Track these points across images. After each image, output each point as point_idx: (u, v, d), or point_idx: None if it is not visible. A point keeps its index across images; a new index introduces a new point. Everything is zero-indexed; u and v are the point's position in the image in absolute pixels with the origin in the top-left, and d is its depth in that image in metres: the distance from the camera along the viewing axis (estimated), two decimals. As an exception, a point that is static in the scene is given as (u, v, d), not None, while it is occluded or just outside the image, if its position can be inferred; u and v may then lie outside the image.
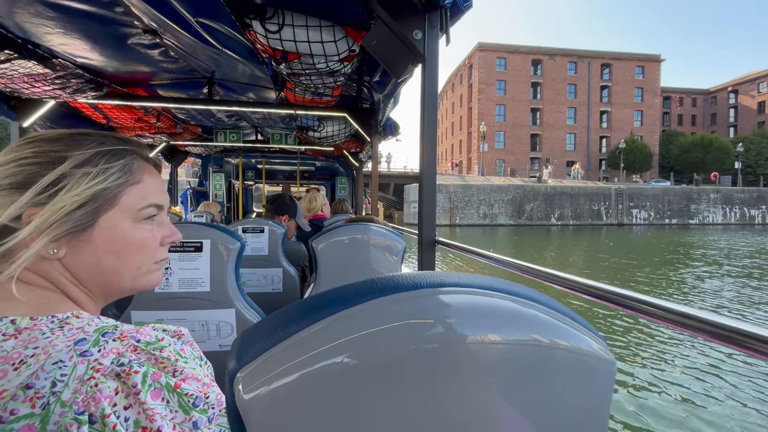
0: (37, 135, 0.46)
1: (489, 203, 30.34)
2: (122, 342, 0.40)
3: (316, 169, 6.11)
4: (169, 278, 1.07)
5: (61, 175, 0.44)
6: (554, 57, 46.17)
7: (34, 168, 0.44)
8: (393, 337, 0.26)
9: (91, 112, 2.81)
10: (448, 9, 1.23)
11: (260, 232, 1.90)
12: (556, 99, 46.75)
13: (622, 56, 47.96)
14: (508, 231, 26.77)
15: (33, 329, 0.39)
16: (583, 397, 0.29)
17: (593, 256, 15.23)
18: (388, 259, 1.23)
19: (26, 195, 0.43)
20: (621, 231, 27.28)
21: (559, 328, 0.29)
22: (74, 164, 0.45)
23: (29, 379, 0.36)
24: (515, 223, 30.48)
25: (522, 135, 46.41)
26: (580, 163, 41.91)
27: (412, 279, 0.28)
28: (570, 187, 31.83)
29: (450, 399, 0.27)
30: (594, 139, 47.71)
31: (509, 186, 31.13)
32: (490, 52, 45.56)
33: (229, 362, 0.27)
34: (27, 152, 0.44)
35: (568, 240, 21.53)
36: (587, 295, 0.69)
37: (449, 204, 29.56)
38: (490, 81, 45.49)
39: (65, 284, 0.46)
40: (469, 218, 29.81)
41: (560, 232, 26.03)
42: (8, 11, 1.48)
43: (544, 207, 31.09)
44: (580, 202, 31.67)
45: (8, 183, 0.43)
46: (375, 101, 2.46)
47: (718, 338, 0.43)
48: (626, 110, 48.29)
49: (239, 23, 1.42)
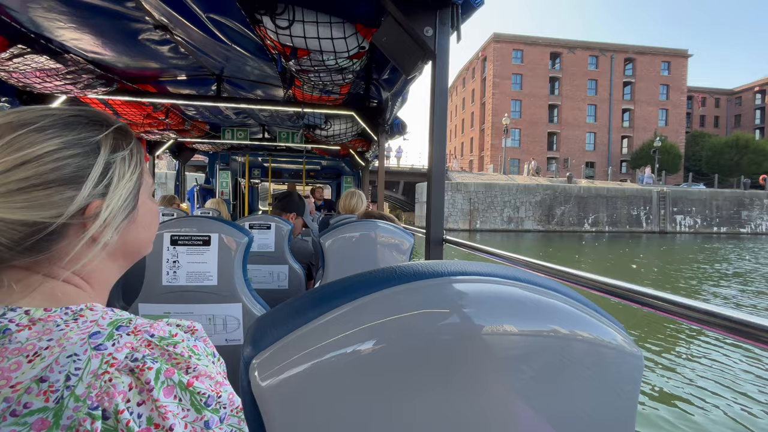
0: (30, 118, 0.41)
1: (514, 206, 26.38)
2: (136, 336, 0.40)
3: (322, 168, 6.12)
4: (176, 271, 1.07)
5: (106, 163, 0.44)
6: (574, 50, 42.20)
7: (77, 159, 0.42)
8: (414, 324, 0.25)
9: (102, 107, 2.83)
10: (459, 6, 1.22)
11: (267, 228, 1.91)
12: (576, 95, 42.64)
13: (647, 50, 43.76)
14: (535, 238, 23.02)
15: (47, 320, 0.38)
16: (607, 393, 0.28)
17: (655, 276, 11.14)
18: (396, 257, 1.23)
19: (86, 187, 0.42)
20: (664, 240, 23.69)
21: (582, 319, 0.28)
22: (109, 150, 0.45)
23: (43, 371, 0.35)
24: (544, 228, 26.44)
25: (539, 133, 42.29)
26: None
27: (432, 267, 0.28)
28: (606, 189, 27.87)
29: (467, 390, 0.26)
30: (615, 139, 43.73)
31: (537, 186, 26.89)
32: (506, 44, 41.36)
33: (244, 348, 0.26)
34: (54, 144, 0.41)
35: (604, 250, 18.16)
36: (601, 292, 0.68)
37: (469, 206, 25.70)
38: (505, 75, 41.34)
39: (89, 273, 0.46)
40: (491, 222, 25.99)
41: (595, 241, 22.40)
42: (22, 6, 1.49)
43: (577, 211, 27.11)
44: (617, 205, 27.67)
45: (54, 178, 0.40)
46: (383, 99, 2.45)
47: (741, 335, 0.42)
48: (650, 108, 43.98)
49: (250, 19, 1.42)
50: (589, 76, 43.01)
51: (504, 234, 25.03)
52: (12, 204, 0.38)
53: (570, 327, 0.27)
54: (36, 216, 0.39)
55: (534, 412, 0.27)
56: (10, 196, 0.38)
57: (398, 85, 2.04)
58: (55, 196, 0.40)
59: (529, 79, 41.85)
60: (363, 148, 4.19)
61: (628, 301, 0.57)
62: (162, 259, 1.07)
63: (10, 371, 0.35)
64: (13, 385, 0.34)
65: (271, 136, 4.12)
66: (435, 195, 1.28)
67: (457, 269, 0.28)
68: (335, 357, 0.24)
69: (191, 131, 3.72)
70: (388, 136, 2.88)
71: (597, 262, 13.82)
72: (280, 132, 3.93)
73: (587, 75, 42.99)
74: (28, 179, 0.39)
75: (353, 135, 3.37)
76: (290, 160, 5.73)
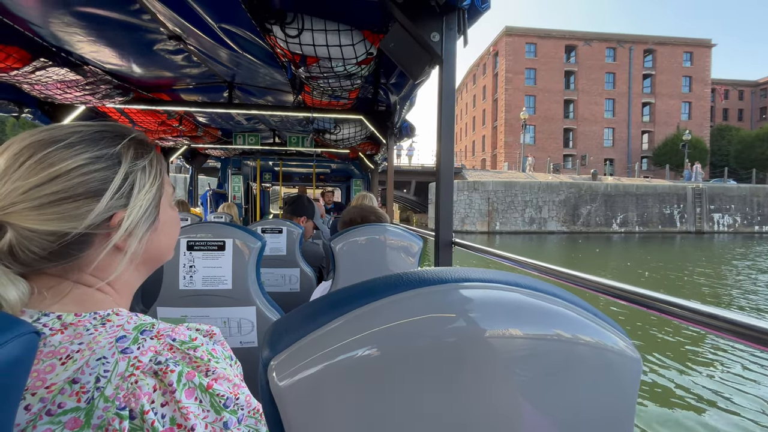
0: (60, 135, 0.44)
1: (537, 205, 24.36)
2: (159, 340, 0.42)
3: (331, 171, 6.17)
4: (193, 276, 1.10)
5: (126, 173, 0.46)
6: (590, 42, 40.03)
7: (102, 173, 0.44)
8: (418, 329, 0.27)
9: (118, 116, 2.92)
10: (465, 11, 1.23)
11: (279, 232, 1.94)
12: (593, 89, 40.45)
13: (668, 41, 41.28)
14: (559, 241, 20.94)
15: (77, 325, 0.41)
16: (608, 395, 0.29)
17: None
18: (405, 260, 1.24)
19: (105, 197, 0.44)
20: (702, 241, 21.42)
21: (583, 324, 0.29)
22: (130, 161, 0.47)
23: (75, 373, 0.37)
24: (569, 230, 24.44)
25: (554, 129, 40.13)
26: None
27: (437, 274, 0.29)
28: (635, 186, 25.56)
29: (472, 391, 0.27)
30: (635, 134, 41.30)
31: (561, 184, 24.80)
32: (519, 37, 39.51)
33: (262, 350, 0.28)
34: (82, 159, 0.43)
35: (635, 252, 16.27)
36: (608, 295, 0.68)
37: (487, 206, 23.74)
38: (518, 69, 39.52)
39: (114, 279, 0.48)
40: (512, 223, 24.05)
41: (624, 243, 20.40)
42: (44, 21, 1.56)
43: (604, 210, 25.06)
44: (647, 204, 25.37)
45: (82, 191, 0.43)
46: (391, 103, 2.47)
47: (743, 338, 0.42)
48: (672, 102, 41.49)
49: (260, 28, 1.46)
50: (606, 69, 40.75)
51: (526, 236, 22.87)
52: (44, 216, 0.41)
53: (571, 331, 0.29)
54: (65, 227, 0.41)
55: (537, 411, 0.28)
56: (42, 209, 0.41)
57: (406, 89, 2.06)
58: (82, 208, 0.42)
59: (543, 74, 39.95)
60: (372, 151, 4.22)
61: (633, 304, 0.58)
62: (179, 264, 1.10)
63: (45, 373, 0.37)
64: (48, 386, 0.37)
65: (281, 140, 4.18)
66: (443, 198, 1.29)
67: (461, 276, 0.29)
68: (346, 359, 0.26)
69: (204, 137, 3.80)
70: (397, 139, 2.90)
71: (644, 274, 11.14)
72: (290, 137, 3.98)
73: (604, 68, 40.74)
74: (58, 193, 0.41)
75: (362, 138, 3.40)
76: (300, 164, 5.79)
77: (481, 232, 23.47)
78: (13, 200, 0.40)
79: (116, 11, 1.52)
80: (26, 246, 0.41)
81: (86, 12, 1.50)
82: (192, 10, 1.47)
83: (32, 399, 0.36)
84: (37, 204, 0.40)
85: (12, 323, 0.29)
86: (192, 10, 1.48)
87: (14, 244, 0.40)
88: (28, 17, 1.53)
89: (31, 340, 0.30)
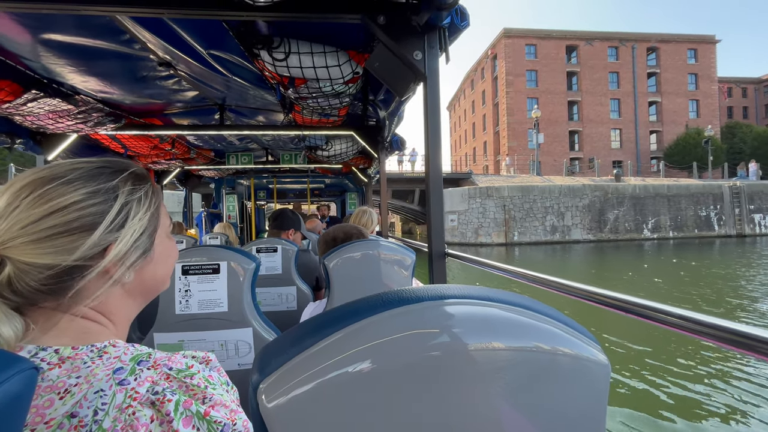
0: (60, 172, 0.46)
1: (558, 211, 21.75)
2: (156, 370, 0.43)
3: (326, 186, 6.20)
4: (189, 300, 1.11)
5: (122, 205, 0.48)
6: (592, 42, 38.75)
7: (98, 207, 0.46)
8: (399, 346, 0.28)
9: (110, 142, 2.94)
10: (446, 29, 1.28)
11: (273, 251, 1.95)
12: (597, 90, 38.88)
13: (671, 38, 39.92)
14: (585, 252, 18.39)
15: (75, 358, 0.42)
16: (581, 399, 0.30)
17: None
18: (399, 273, 1.25)
19: (99, 230, 0.45)
20: (745, 246, 18.97)
21: (555, 334, 0.31)
22: (128, 194, 0.49)
23: (74, 408, 0.38)
24: (595, 238, 21.80)
25: (559, 132, 38.34)
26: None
27: (415, 293, 0.31)
28: (666, 187, 22.87)
29: (455, 403, 0.29)
30: (643, 134, 39.61)
31: (584, 187, 22.09)
32: (518, 39, 38.10)
33: (252, 375, 0.30)
34: (79, 194, 0.45)
35: (668, 264, 13.59)
36: (598, 303, 0.70)
37: (504, 214, 21.18)
38: (518, 71, 37.93)
39: (110, 310, 0.49)
40: (532, 233, 21.35)
41: (658, 251, 17.98)
42: (34, 54, 1.59)
43: (633, 215, 22.49)
44: (681, 206, 22.77)
45: (77, 226, 0.44)
46: (381, 118, 2.52)
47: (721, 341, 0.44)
48: (679, 100, 39.97)
49: (248, 53, 1.49)
50: (609, 69, 39.23)
51: (548, 247, 20.05)
52: (40, 250, 0.42)
53: (545, 342, 0.30)
54: (60, 260, 0.43)
55: (517, 418, 0.30)
56: (39, 243, 0.42)
57: (393, 105, 2.10)
58: (78, 242, 0.44)
59: (544, 75, 38.40)
60: (365, 165, 4.26)
61: (621, 311, 0.60)
62: (174, 289, 1.11)
63: (44, 408, 0.38)
64: (47, 422, 0.37)
65: (274, 158, 4.21)
66: (434, 211, 1.32)
67: (438, 293, 0.31)
68: (331, 379, 0.28)
69: (197, 159, 3.83)
70: (388, 153, 2.94)
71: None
72: (283, 154, 4.02)
73: (607, 67, 39.23)
74: (55, 227, 0.43)
75: (354, 153, 3.44)
76: (294, 180, 5.82)
77: (497, 244, 20.67)
78: (12, 235, 0.42)
79: (106, 41, 1.55)
80: (23, 279, 0.42)
81: (76, 44, 1.53)
82: (181, 38, 1.51)
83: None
84: (35, 238, 0.42)
85: (11, 360, 0.30)
86: (181, 38, 1.51)
87: (12, 277, 0.41)
88: (18, 51, 1.56)
89: (31, 376, 0.31)
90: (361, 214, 2.43)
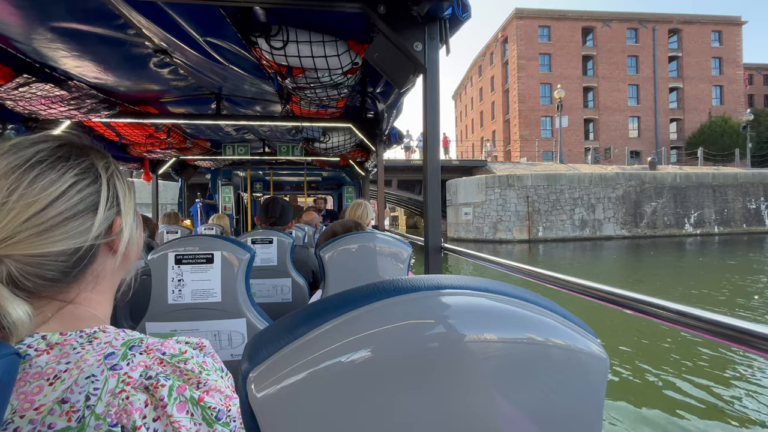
0: (27, 158, 0.43)
1: (588, 203, 18.95)
2: (149, 355, 0.42)
3: (323, 179, 6.18)
4: (182, 290, 1.10)
5: (108, 179, 0.48)
6: (609, 23, 35.53)
7: (92, 187, 0.46)
8: (393, 337, 0.27)
9: (104, 130, 2.90)
10: (447, 20, 1.26)
11: (269, 243, 1.94)
12: (614, 75, 35.60)
13: (694, 19, 36.36)
14: (619, 249, 16.05)
15: (63, 344, 0.41)
16: (577, 392, 0.30)
17: None
18: (395, 266, 1.25)
19: (101, 207, 0.46)
20: None
21: (552, 326, 0.30)
22: (104, 168, 0.48)
23: (64, 393, 0.37)
24: (630, 233, 19.16)
25: (573, 120, 34.66)
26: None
27: (411, 282, 0.30)
28: (711, 175, 20.00)
29: (449, 394, 0.28)
30: (662, 123, 36.19)
31: (617, 176, 19.24)
32: (531, 20, 34.83)
33: (242, 364, 0.29)
34: (70, 178, 0.44)
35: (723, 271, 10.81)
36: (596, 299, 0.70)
37: (526, 206, 18.45)
38: (531, 55, 34.75)
39: (97, 298, 0.48)
40: (558, 228, 18.69)
41: (702, 249, 15.66)
42: (27, 38, 1.55)
43: (673, 207, 19.66)
44: (727, 197, 20.00)
45: (82, 208, 0.44)
46: (379, 111, 2.50)
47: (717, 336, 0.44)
48: (701, 86, 36.49)
49: (245, 41, 1.47)
50: (628, 52, 35.75)
51: (577, 244, 17.48)
52: (53, 238, 0.42)
53: (543, 334, 0.30)
54: (79, 242, 0.43)
55: (514, 410, 0.29)
56: (49, 232, 0.41)
57: (392, 98, 2.09)
58: (87, 223, 0.44)
59: (558, 59, 35.12)
60: (362, 158, 4.24)
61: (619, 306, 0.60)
62: (167, 278, 1.10)
63: (33, 394, 0.37)
64: (36, 408, 0.36)
65: (271, 150, 4.18)
66: (431, 206, 1.31)
67: (434, 283, 0.30)
68: (323, 369, 0.27)
69: (193, 149, 3.79)
70: (386, 146, 2.92)
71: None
72: (280, 146, 3.98)
73: (626, 51, 35.73)
74: (62, 214, 0.42)
75: (352, 146, 3.42)
76: (291, 173, 5.79)
77: (519, 241, 18.13)
78: (12, 232, 0.40)
79: (100, 26, 1.52)
80: (34, 272, 0.41)
81: (70, 28, 1.50)
82: (177, 24, 1.48)
83: (21, 421, 0.36)
84: (42, 229, 0.41)
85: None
86: (177, 25, 1.48)
87: (16, 275, 0.40)
88: (10, 34, 1.53)
89: (12, 362, 0.30)
90: (356, 206, 2.39)
